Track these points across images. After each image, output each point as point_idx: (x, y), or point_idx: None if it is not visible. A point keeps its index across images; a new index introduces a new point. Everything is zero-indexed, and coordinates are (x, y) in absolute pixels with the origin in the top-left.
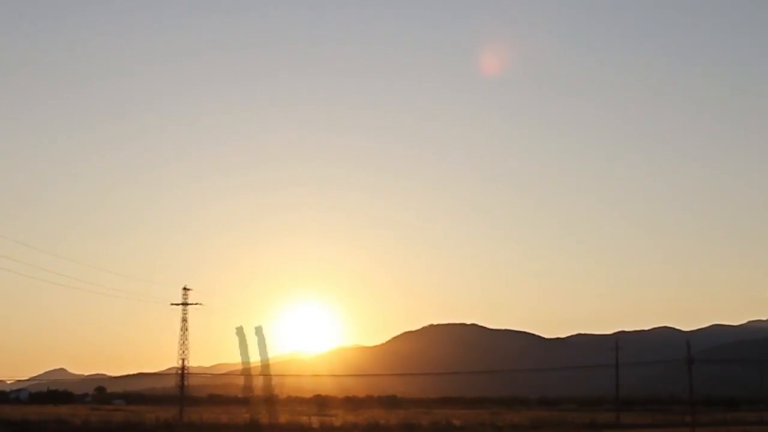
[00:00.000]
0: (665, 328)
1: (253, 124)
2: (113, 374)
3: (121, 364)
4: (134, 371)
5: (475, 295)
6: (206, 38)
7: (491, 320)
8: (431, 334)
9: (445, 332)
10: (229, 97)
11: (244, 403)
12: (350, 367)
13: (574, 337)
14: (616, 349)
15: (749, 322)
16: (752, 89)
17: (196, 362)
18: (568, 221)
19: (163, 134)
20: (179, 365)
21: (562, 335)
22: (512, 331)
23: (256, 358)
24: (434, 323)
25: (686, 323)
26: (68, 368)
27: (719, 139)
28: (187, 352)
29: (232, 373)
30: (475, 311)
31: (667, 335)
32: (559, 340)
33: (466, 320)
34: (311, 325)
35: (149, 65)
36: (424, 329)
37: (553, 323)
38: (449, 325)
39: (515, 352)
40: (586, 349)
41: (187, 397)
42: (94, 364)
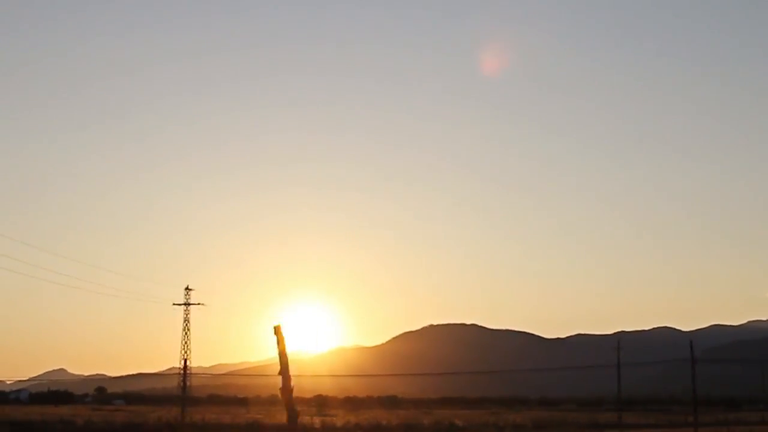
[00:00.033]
0: (665, 328)
1: (253, 124)
2: (113, 374)
3: (120, 364)
4: (134, 371)
5: (474, 295)
6: (206, 38)
7: (491, 320)
8: (431, 334)
9: (444, 332)
10: (229, 97)
11: (243, 403)
12: (350, 367)
13: (574, 337)
14: (617, 349)
15: (749, 322)
16: (752, 89)
17: (196, 362)
18: (568, 221)
19: (163, 134)
20: (180, 365)
21: (562, 335)
22: (512, 331)
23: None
24: (434, 323)
25: (686, 323)
26: (68, 368)
27: (719, 139)
28: (189, 352)
29: (232, 373)
30: (474, 311)
31: (666, 335)
32: (559, 340)
33: (465, 320)
34: (311, 325)
35: (149, 65)
36: (423, 329)
37: (553, 323)
38: (449, 325)
39: (515, 352)
40: (586, 349)
41: (188, 397)
42: (93, 364)
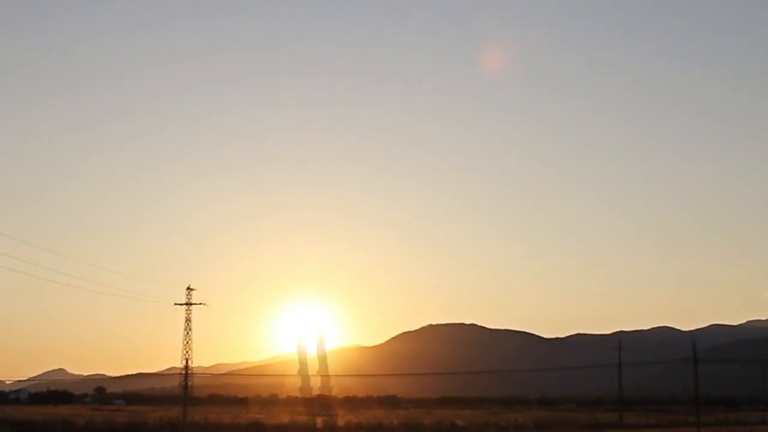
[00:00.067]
0: (665, 327)
1: (253, 124)
2: (112, 374)
3: (120, 364)
4: (133, 371)
5: (474, 295)
6: (206, 38)
7: (490, 320)
8: (430, 334)
9: (444, 332)
10: (229, 97)
11: (243, 403)
12: (349, 367)
13: (573, 337)
14: (618, 349)
15: (748, 321)
16: (752, 89)
17: (196, 362)
18: (568, 221)
19: (164, 134)
20: (181, 365)
21: (561, 335)
22: (511, 331)
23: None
24: (433, 323)
25: (686, 323)
26: (67, 368)
27: (719, 139)
28: (190, 352)
29: (232, 373)
30: (474, 311)
31: (666, 335)
32: (558, 339)
33: (465, 320)
34: (311, 325)
35: (149, 65)
36: (423, 329)
37: (552, 323)
38: (448, 325)
39: (514, 352)
40: (585, 349)
41: (189, 397)
42: (93, 364)
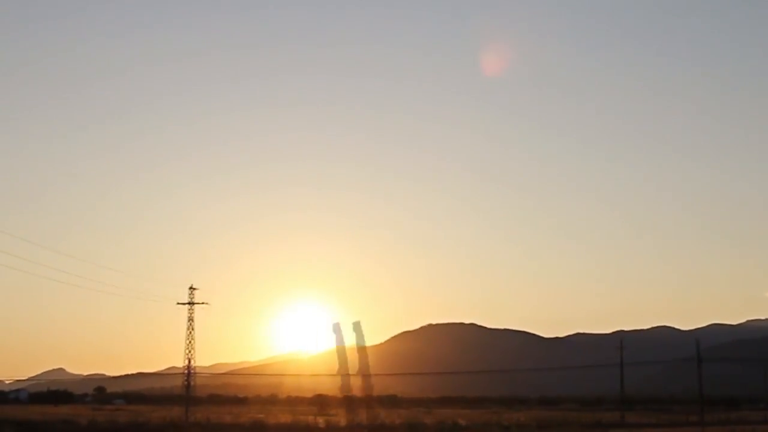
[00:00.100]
0: (664, 327)
1: (253, 124)
2: (112, 374)
3: (119, 363)
4: (133, 371)
5: (473, 294)
6: (206, 38)
7: (490, 320)
8: (430, 333)
9: (443, 332)
10: (229, 97)
11: (243, 402)
12: (349, 366)
13: (573, 336)
14: (621, 348)
15: (748, 321)
16: (752, 89)
17: (196, 362)
18: (568, 221)
19: (165, 134)
20: (181, 365)
21: (561, 334)
22: (511, 330)
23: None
24: (433, 323)
25: (685, 322)
26: (67, 368)
27: (719, 139)
28: (193, 351)
29: (233, 372)
30: (473, 311)
31: (666, 334)
32: (558, 339)
33: (464, 320)
34: (311, 325)
35: (149, 65)
36: (422, 329)
37: (552, 322)
38: (448, 324)
39: (514, 351)
40: (585, 348)
41: (190, 396)
42: (92, 364)
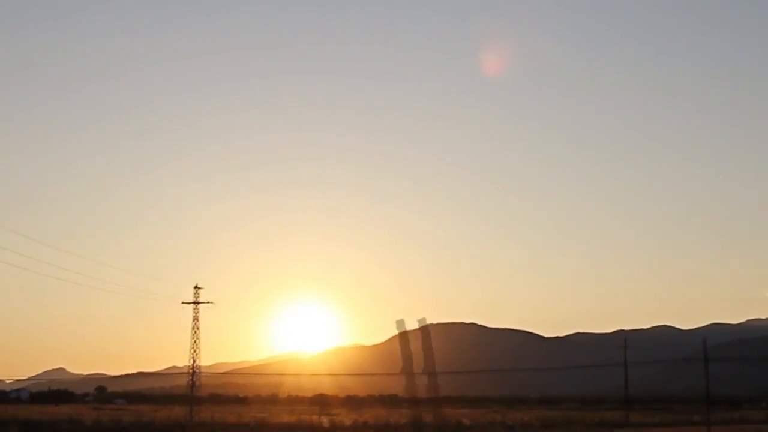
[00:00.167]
0: (664, 327)
1: (253, 124)
2: (112, 374)
3: (119, 363)
4: (133, 371)
5: (474, 294)
6: (206, 38)
7: (490, 319)
8: (430, 333)
9: (444, 331)
10: (229, 97)
11: (244, 402)
12: (349, 366)
13: (573, 336)
14: (624, 348)
15: (748, 320)
16: (752, 89)
17: (200, 362)
18: (568, 221)
19: (167, 134)
20: (181, 365)
21: (561, 334)
22: (511, 330)
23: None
24: (433, 322)
25: (685, 322)
26: (67, 367)
27: (719, 139)
28: (198, 351)
29: (233, 372)
30: (474, 310)
31: (666, 334)
32: (558, 338)
33: (465, 319)
34: (311, 324)
35: (149, 65)
36: (423, 329)
37: (552, 322)
38: (448, 324)
39: (514, 351)
40: (585, 347)
41: (194, 396)
42: (92, 363)
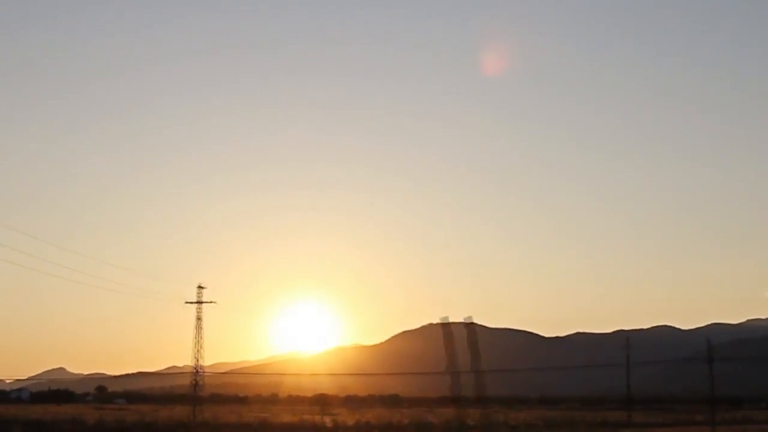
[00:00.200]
0: (665, 327)
1: (253, 124)
2: (112, 374)
3: (119, 363)
4: (133, 371)
5: (474, 294)
6: (206, 38)
7: (490, 319)
8: (430, 333)
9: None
10: (229, 97)
11: (245, 402)
12: (349, 366)
13: (573, 336)
14: (627, 348)
15: (748, 320)
16: (752, 89)
17: (199, 361)
18: (568, 221)
19: (167, 133)
20: (182, 364)
21: (561, 334)
22: (512, 329)
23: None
24: (433, 322)
25: (685, 322)
26: (67, 367)
27: (719, 139)
28: (201, 350)
29: (233, 372)
30: (474, 310)
31: (666, 334)
32: (558, 338)
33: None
34: (311, 324)
35: (149, 65)
36: (423, 328)
37: (552, 322)
38: (448, 324)
39: (514, 351)
40: (585, 347)
41: (196, 396)
42: (92, 363)
